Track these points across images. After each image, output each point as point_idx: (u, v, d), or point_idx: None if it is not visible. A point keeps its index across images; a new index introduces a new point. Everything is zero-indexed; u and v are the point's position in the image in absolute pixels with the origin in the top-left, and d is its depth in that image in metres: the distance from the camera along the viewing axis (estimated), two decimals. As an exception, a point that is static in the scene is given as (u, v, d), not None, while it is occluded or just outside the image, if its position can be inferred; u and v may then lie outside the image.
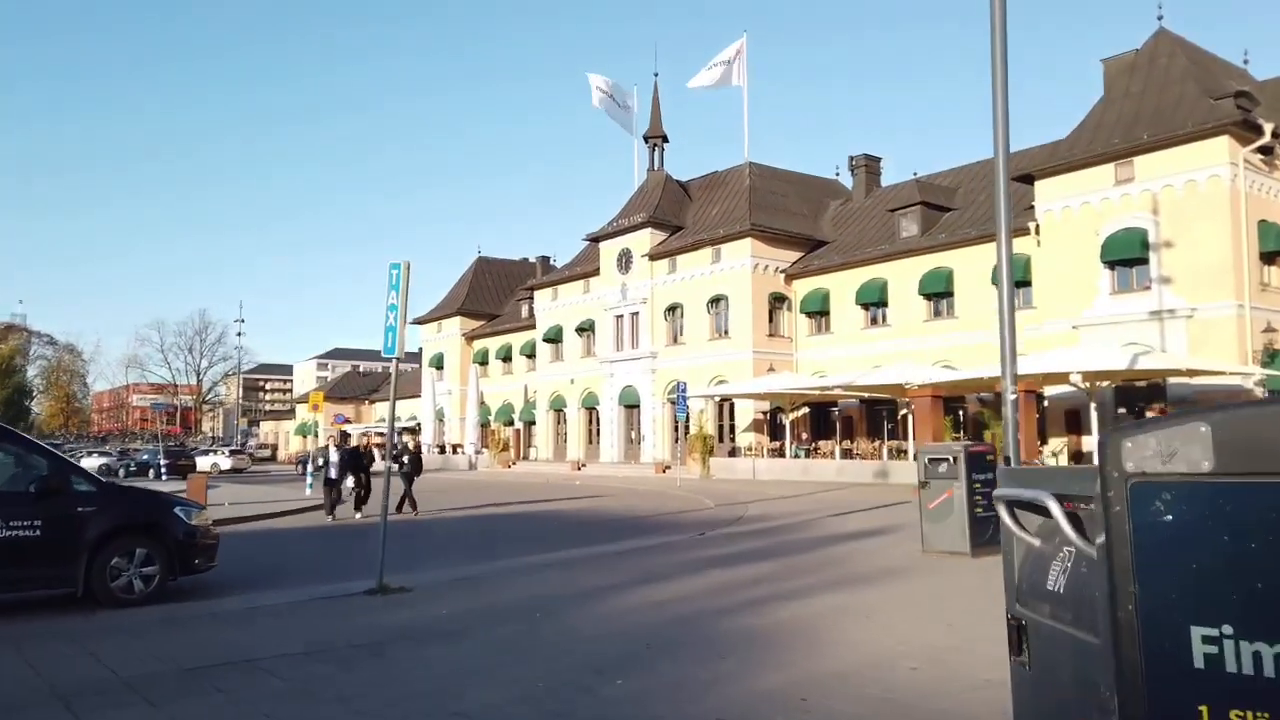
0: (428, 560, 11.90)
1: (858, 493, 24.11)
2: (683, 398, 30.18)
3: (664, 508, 20.74)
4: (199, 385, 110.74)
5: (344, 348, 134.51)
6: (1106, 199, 27.75)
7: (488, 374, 56.41)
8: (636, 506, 21.41)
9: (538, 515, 20.05)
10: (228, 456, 49.63)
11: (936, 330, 33.30)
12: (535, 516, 19.77)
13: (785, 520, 16.31)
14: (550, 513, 20.57)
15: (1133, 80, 29.04)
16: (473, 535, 16.10)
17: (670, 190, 43.87)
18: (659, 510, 20.05)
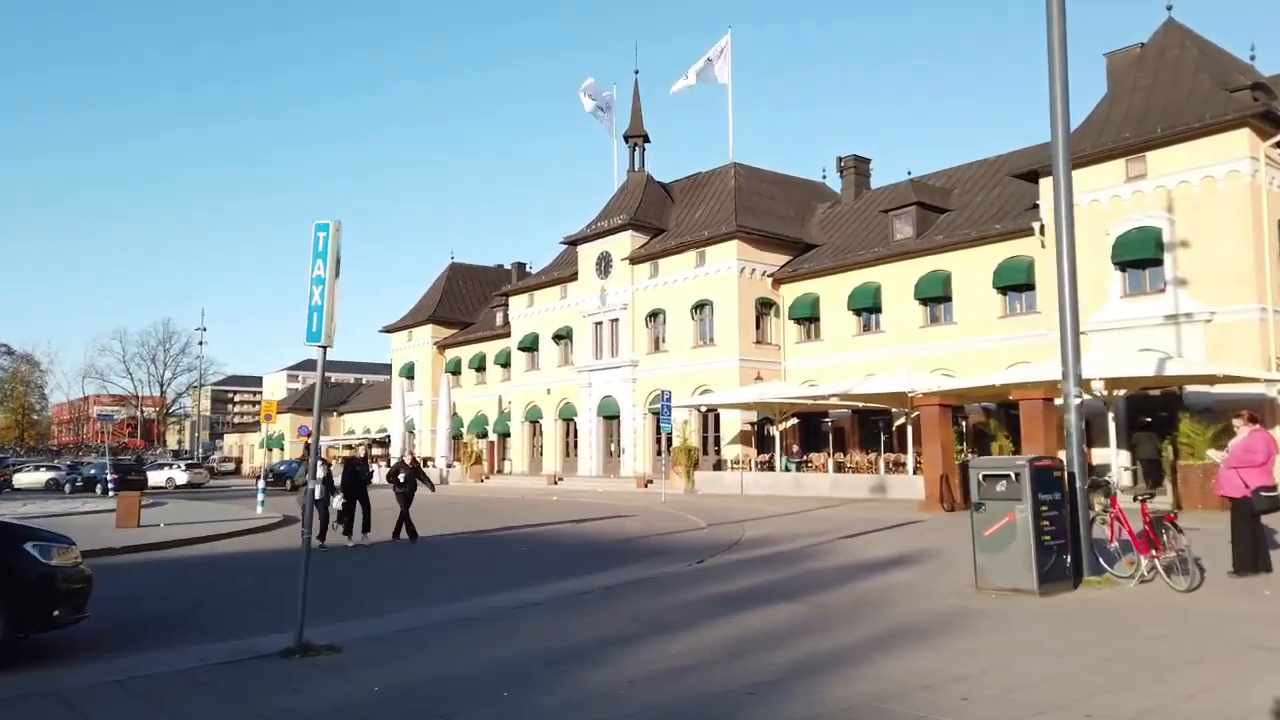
0: (369, 602, 9.85)
1: (858, 510, 22.25)
2: (667, 407, 28.26)
3: (651, 527, 18.75)
4: (162, 397, 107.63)
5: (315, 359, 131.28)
6: (1117, 197, 26.17)
7: (460, 384, 54.24)
8: (621, 526, 19.41)
9: (510, 538, 17.98)
10: (184, 471, 47.02)
11: (934, 337, 31.61)
12: (507, 539, 17.69)
13: (792, 544, 14.38)
14: (525, 534, 18.51)
15: (1141, 73, 27.56)
16: (431, 565, 14.00)
17: (652, 191, 42.03)
18: (646, 531, 18.05)
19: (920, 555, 12.36)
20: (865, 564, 11.68)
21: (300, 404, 75.37)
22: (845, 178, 40.66)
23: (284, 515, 23.09)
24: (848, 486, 28.28)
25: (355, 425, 70.26)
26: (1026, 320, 29.15)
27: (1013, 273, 29.27)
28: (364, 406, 70.62)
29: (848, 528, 16.97)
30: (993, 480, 9.03)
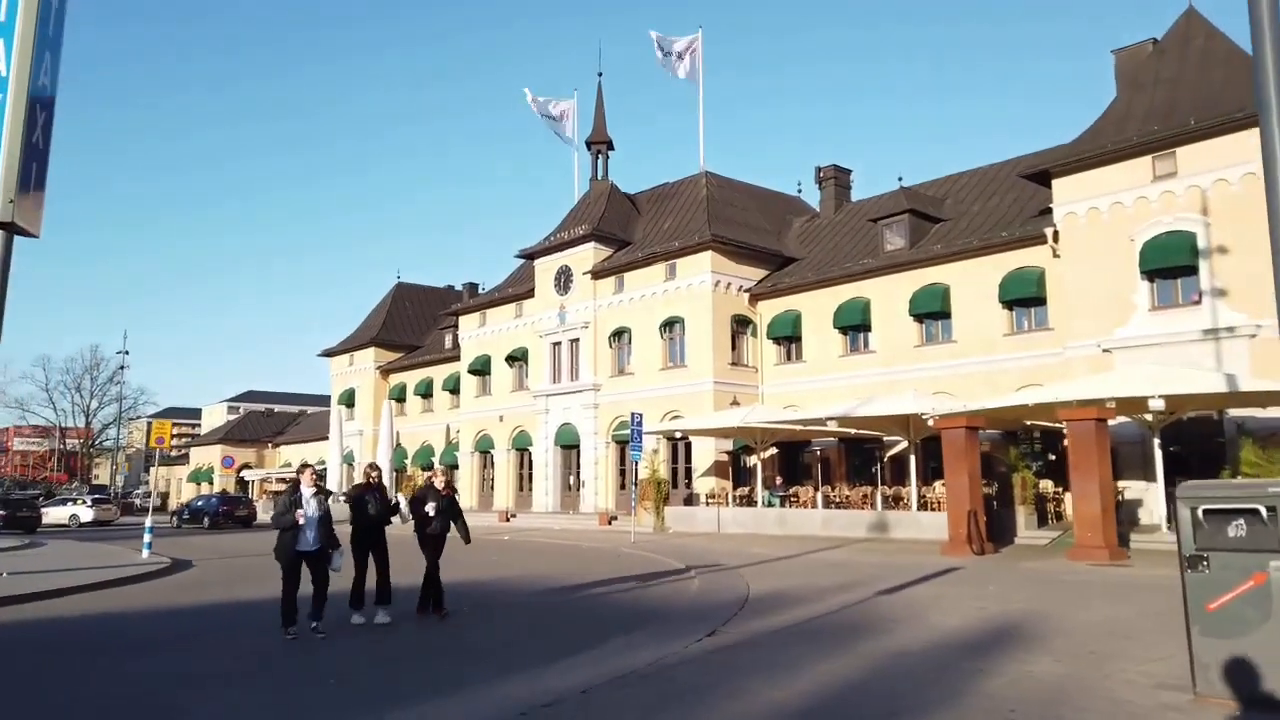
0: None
1: (865, 553, 18.80)
2: (638, 432, 24.66)
3: (626, 576, 15.05)
4: (88, 428, 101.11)
5: (258, 390, 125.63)
6: (1143, 198, 23.37)
7: (404, 412, 50.08)
8: (588, 574, 15.67)
9: (452, 593, 14.15)
10: (90, 507, 42.02)
11: (931, 356, 28.51)
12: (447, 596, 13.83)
13: (821, 605, 10.82)
14: (471, 587, 14.69)
15: (1163, 65, 24.97)
16: (318, 654, 10.15)
17: (616, 201, 38.71)
18: (620, 581, 14.35)
19: (1023, 626, 8.90)
20: (955, 643, 8.16)
21: (233, 435, 70.28)
22: (825, 189, 37.76)
23: (171, 560, 18.98)
24: (842, 524, 24.85)
25: (292, 457, 65.37)
26: (1036, 338, 26.19)
27: (1021, 285, 26.33)
28: (301, 438, 65.82)
29: (874, 578, 13.48)
30: (1220, 520, 5.57)
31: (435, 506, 10.85)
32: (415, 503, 11.02)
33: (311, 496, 9.54)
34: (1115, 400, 16.99)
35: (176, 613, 12.18)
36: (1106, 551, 15.77)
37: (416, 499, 11.07)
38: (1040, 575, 13.82)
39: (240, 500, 41.02)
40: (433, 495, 11.01)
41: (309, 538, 9.49)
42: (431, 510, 10.83)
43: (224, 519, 37.38)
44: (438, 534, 11.02)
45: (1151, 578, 13.30)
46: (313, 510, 9.47)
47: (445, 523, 11.05)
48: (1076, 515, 16.41)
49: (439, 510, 10.88)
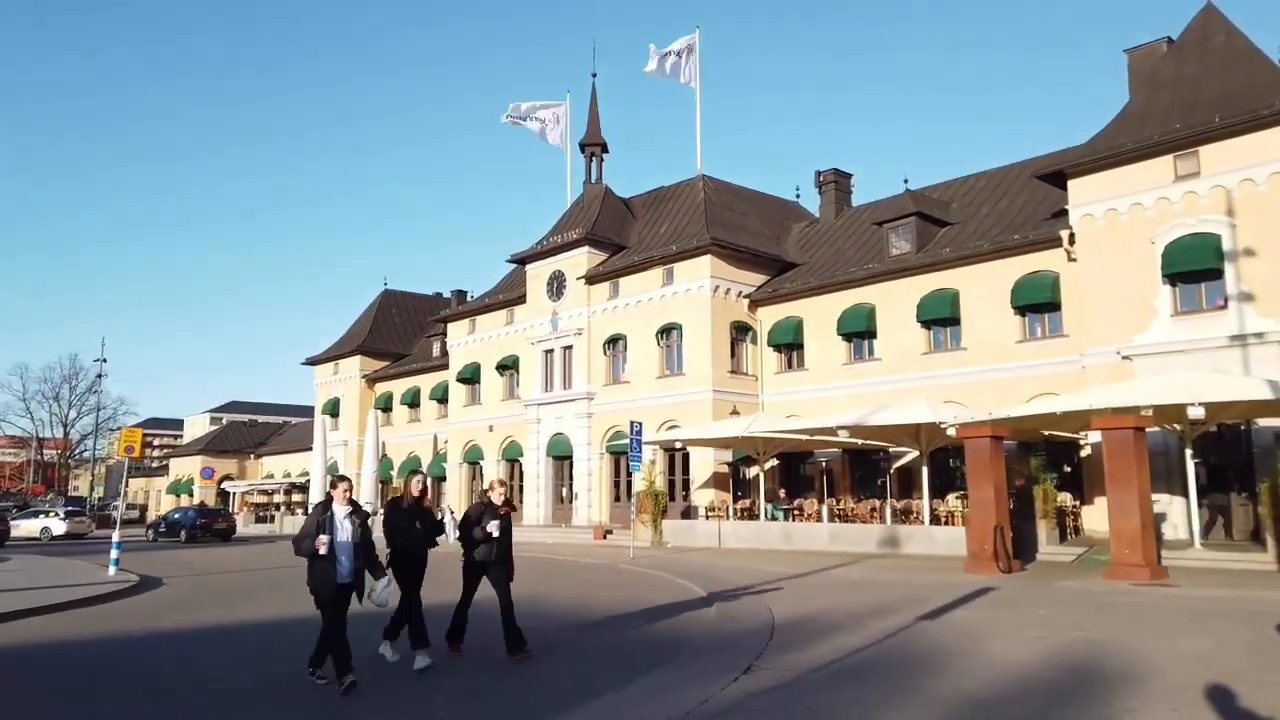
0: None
1: (881, 569, 17.67)
2: (637, 441, 23.49)
3: (632, 600, 13.88)
4: (66, 439, 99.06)
5: (241, 400, 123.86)
6: (1164, 198, 22.44)
7: (391, 422, 48.72)
8: (589, 597, 14.48)
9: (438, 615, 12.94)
10: (62, 519, 40.47)
11: (939, 364, 27.48)
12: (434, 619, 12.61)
13: (860, 634, 9.67)
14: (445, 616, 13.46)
15: (1182, 62, 24.11)
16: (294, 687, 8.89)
17: (611, 205, 37.62)
18: (627, 605, 13.17)
19: (1102, 661, 7.79)
20: (1034, 684, 7.03)
21: (214, 445, 68.58)
22: (825, 193, 36.79)
23: (140, 577, 17.66)
24: (850, 539, 23.72)
25: (274, 468, 63.83)
26: (1050, 345, 25.20)
27: (1034, 290, 25.35)
28: (284, 449, 64.26)
29: (905, 600, 12.36)
30: None
31: (496, 526, 8.76)
32: (467, 523, 8.95)
33: (345, 517, 7.73)
34: (1152, 408, 15.91)
35: (133, 641, 10.91)
36: (1147, 570, 14.70)
37: (469, 518, 8.95)
38: (1084, 597, 12.72)
39: (219, 513, 39.55)
40: (490, 513, 8.85)
41: (344, 567, 7.61)
42: (493, 531, 8.72)
43: (202, 532, 35.92)
44: (493, 560, 8.91)
45: (1208, 600, 12.23)
46: (345, 534, 7.63)
47: (505, 547, 8.98)
48: (1113, 531, 15.33)
49: (501, 532, 8.79)
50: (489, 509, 8.94)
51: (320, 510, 7.67)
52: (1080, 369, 23.80)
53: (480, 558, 8.87)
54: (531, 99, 40.37)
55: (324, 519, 7.60)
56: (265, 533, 46.16)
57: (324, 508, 7.70)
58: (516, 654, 8.69)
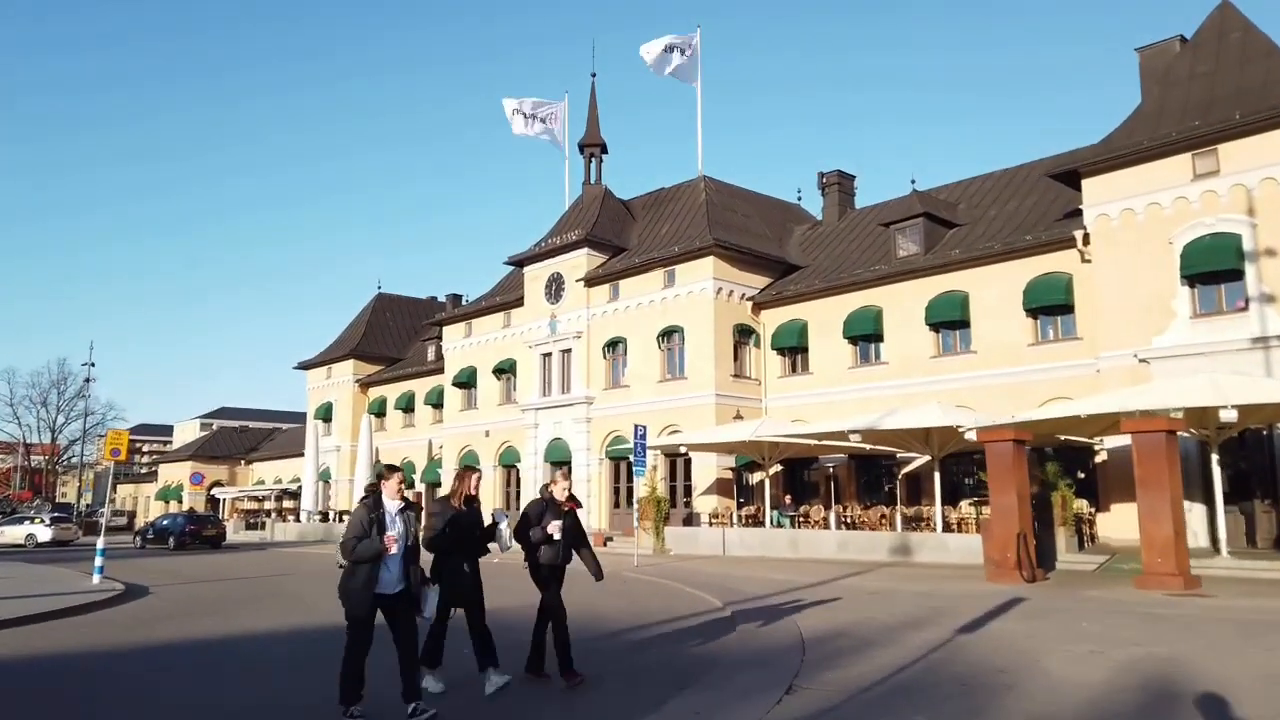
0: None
1: (898, 579, 17.02)
2: (641, 445, 22.81)
3: (644, 611, 13.23)
4: (54, 444, 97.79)
5: (231, 406, 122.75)
6: (1182, 198, 21.92)
7: (384, 427, 47.97)
8: (599, 607, 13.79)
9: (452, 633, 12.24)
10: (48, 525, 39.53)
11: (948, 368, 26.91)
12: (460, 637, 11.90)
13: (896, 647, 9.03)
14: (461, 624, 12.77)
15: (1198, 59, 23.63)
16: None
17: (610, 206, 37.01)
18: (639, 617, 12.52)
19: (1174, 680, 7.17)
20: (1113, 710, 6.35)
21: (204, 451, 67.60)
22: (828, 195, 36.24)
23: (125, 586, 16.91)
24: (859, 547, 23.09)
25: (265, 474, 62.95)
26: (1064, 348, 24.65)
27: (1047, 292, 24.80)
28: (275, 454, 63.40)
29: (935, 611, 11.73)
30: None
31: (559, 527, 7.61)
32: (525, 522, 7.71)
33: (398, 514, 6.62)
34: (1183, 410, 15.32)
35: (116, 656, 10.18)
36: (1180, 579, 14.09)
37: (528, 517, 7.73)
38: (1121, 608, 12.09)
39: (209, 519, 38.68)
40: (553, 511, 7.69)
41: (390, 574, 6.48)
42: (555, 532, 7.57)
43: (191, 539, 35.06)
44: (558, 565, 7.75)
45: (1252, 611, 11.63)
46: (399, 532, 6.53)
47: (569, 550, 7.81)
48: (1144, 538, 14.72)
49: (563, 532, 7.64)
50: (550, 506, 7.77)
51: (370, 506, 6.54)
52: (1095, 372, 23.25)
53: (546, 561, 7.65)
54: (526, 97, 39.73)
55: (375, 517, 6.46)
56: (256, 539, 45.29)
57: (374, 503, 6.58)
58: (572, 677, 7.56)
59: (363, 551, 6.34)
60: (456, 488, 7.53)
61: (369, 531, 6.36)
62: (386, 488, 6.65)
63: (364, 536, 6.36)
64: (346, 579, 6.47)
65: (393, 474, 6.73)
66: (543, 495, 8.01)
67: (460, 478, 7.61)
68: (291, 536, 44.21)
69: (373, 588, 6.38)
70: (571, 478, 8.70)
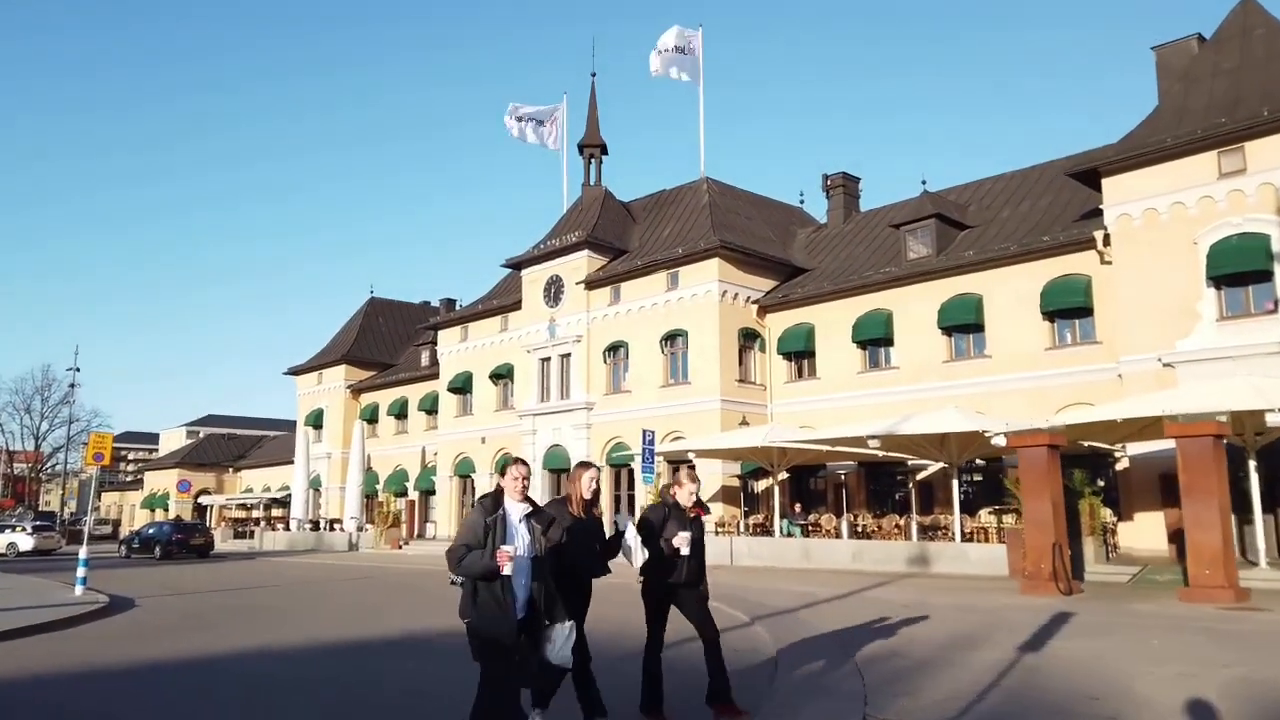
0: None
1: (924, 590, 16.23)
2: (649, 451, 22.04)
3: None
4: (37, 451, 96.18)
5: (218, 414, 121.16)
6: (1207, 197, 21.30)
7: (377, 434, 46.96)
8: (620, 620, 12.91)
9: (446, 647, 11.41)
10: (30, 534, 38.41)
11: (961, 373, 26.20)
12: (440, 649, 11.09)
13: (960, 668, 8.26)
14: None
15: (1221, 56, 23.07)
16: None
17: (611, 208, 36.24)
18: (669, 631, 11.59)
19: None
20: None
21: (191, 458, 66.36)
22: (833, 197, 35.56)
23: (110, 598, 15.96)
24: (875, 557, 22.27)
25: (253, 482, 61.79)
26: (1082, 352, 23.99)
27: (1065, 294, 24.14)
28: (263, 462, 62.25)
29: (982, 628, 10.94)
30: None
31: (687, 540, 6.22)
32: (646, 531, 6.28)
33: (522, 520, 5.22)
34: (1227, 414, 14.60)
35: (96, 678, 9.28)
36: (1230, 592, 13.36)
37: (648, 525, 6.30)
38: (1182, 624, 11.33)
39: (196, 528, 37.59)
40: (678, 520, 6.32)
41: (518, 596, 5.09)
42: (683, 546, 6.19)
43: (178, 549, 33.99)
44: (684, 582, 6.35)
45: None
46: (522, 544, 5.12)
47: (700, 564, 6.45)
48: (1191, 548, 13.99)
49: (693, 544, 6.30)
50: (674, 512, 6.34)
51: (488, 508, 5.13)
52: (1116, 377, 22.57)
53: (672, 580, 6.30)
54: (525, 101, 39.00)
55: (493, 522, 5.04)
56: (245, 549, 44.20)
57: (494, 503, 5.16)
58: (726, 708, 6.22)
59: (469, 566, 4.98)
60: (570, 491, 6.04)
61: (484, 540, 4.99)
62: (506, 486, 5.26)
63: (475, 545, 4.99)
64: (469, 605, 5.04)
65: (513, 468, 5.32)
66: (663, 499, 6.61)
67: (574, 477, 6.06)
68: (281, 546, 43.13)
69: (510, 609, 4.90)
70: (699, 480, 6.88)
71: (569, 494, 6.02)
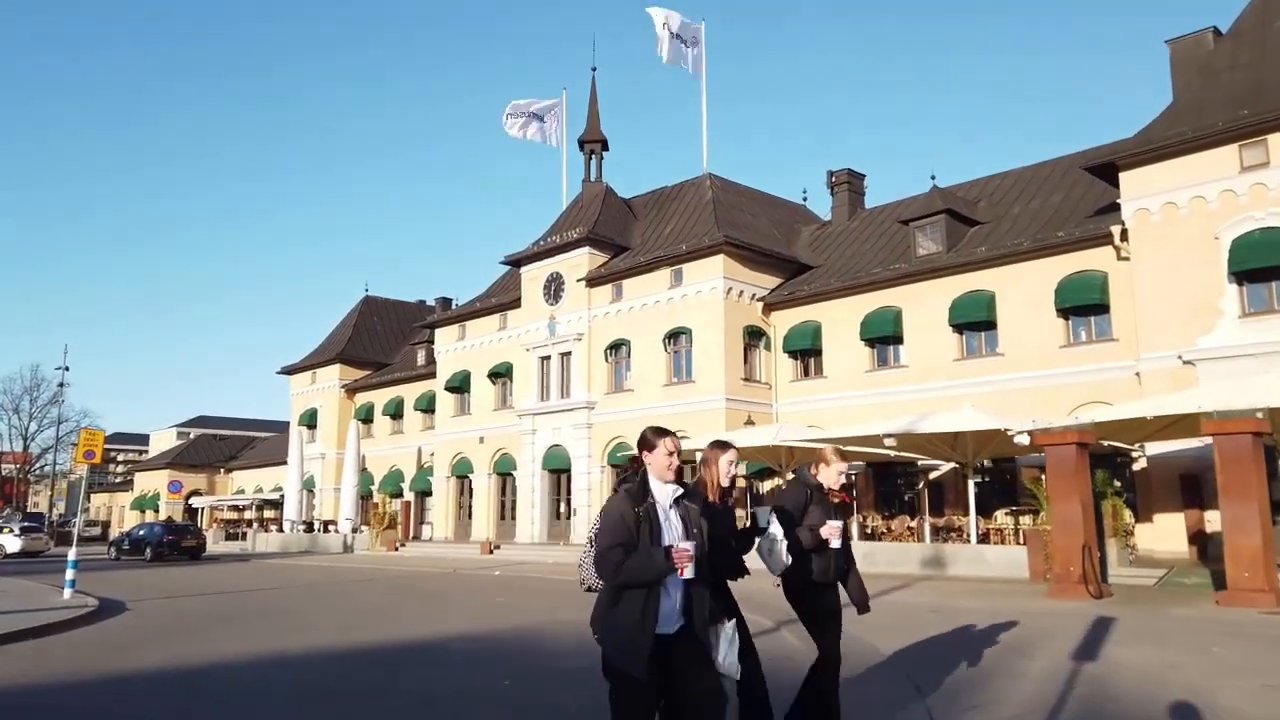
0: None
1: (947, 594, 15.67)
2: (658, 452, 21.31)
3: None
4: (25, 452, 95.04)
5: (209, 415, 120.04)
6: (1228, 191, 20.83)
7: (372, 434, 46.27)
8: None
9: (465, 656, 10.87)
10: (18, 536, 37.60)
11: (972, 371, 25.69)
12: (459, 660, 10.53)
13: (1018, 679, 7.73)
14: (497, 646, 11.36)
15: (1241, 48, 22.62)
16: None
17: (612, 205, 35.65)
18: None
19: None
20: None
21: (182, 459, 65.50)
22: (838, 194, 35.04)
23: (99, 601, 15.29)
24: (887, 559, 21.68)
25: (245, 484, 60.96)
26: (1098, 350, 23.49)
27: (1081, 291, 23.63)
28: (255, 463, 61.44)
29: (1025, 635, 10.41)
30: None
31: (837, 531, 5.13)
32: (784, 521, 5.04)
33: (672, 506, 4.08)
34: (1264, 411, 14.08)
35: (86, 688, 8.64)
36: (1271, 595, 12.84)
37: (786, 515, 5.12)
38: (1233, 629, 10.81)
39: (188, 529, 36.81)
40: (821, 506, 5.25)
41: (670, 602, 3.95)
42: (833, 538, 5.09)
43: (169, 550, 33.23)
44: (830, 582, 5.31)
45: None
46: (673, 536, 3.98)
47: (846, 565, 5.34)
48: (1229, 550, 13.47)
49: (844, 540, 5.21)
50: (816, 496, 5.27)
51: (635, 495, 4.01)
52: (1133, 375, 22.10)
53: (817, 578, 5.20)
54: (523, 98, 38.43)
55: (644, 512, 3.94)
56: (237, 550, 43.43)
57: (641, 490, 4.03)
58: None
59: (637, 572, 3.82)
60: (703, 476, 4.80)
61: (633, 535, 3.88)
62: (653, 463, 4.05)
63: (632, 545, 3.85)
64: (607, 611, 3.98)
65: (660, 440, 4.09)
66: (803, 480, 5.41)
67: (709, 458, 4.80)
68: (274, 548, 42.39)
69: (652, 624, 3.83)
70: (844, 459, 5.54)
71: (701, 479, 4.80)
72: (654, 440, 4.09)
